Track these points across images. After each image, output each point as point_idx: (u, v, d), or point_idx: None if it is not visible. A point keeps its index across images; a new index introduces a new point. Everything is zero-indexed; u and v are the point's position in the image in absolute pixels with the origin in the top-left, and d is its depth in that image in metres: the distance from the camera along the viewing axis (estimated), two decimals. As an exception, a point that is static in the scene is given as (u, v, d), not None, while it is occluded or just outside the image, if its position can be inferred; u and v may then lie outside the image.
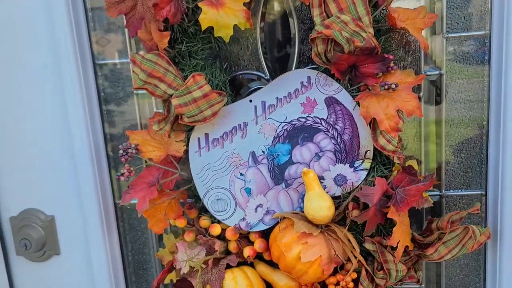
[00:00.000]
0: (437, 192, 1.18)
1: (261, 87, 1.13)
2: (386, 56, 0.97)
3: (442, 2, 1.09)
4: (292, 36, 1.15)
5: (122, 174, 1.07)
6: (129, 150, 1.06)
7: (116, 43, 1.23)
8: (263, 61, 1.16)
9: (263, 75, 1.17)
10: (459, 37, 1.10)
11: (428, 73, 1.12)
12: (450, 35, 1.10)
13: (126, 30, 1.20)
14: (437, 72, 1.12)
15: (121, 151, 1.06)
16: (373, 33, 0.97)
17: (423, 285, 1.25)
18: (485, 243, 1.12)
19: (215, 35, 0.99)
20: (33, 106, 1.24)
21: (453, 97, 1.13)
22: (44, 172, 1.28)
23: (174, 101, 1.01)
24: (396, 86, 0.96)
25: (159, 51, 1.04)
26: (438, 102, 1.14)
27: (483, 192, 1.17)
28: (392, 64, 0.98)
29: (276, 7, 1.14)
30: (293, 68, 1.15)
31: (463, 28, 1.09)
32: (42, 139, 1.26)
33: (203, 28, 0.98)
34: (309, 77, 1.05)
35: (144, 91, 1.17)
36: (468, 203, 1.18)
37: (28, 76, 1.22)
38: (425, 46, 0.99)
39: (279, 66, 1.18)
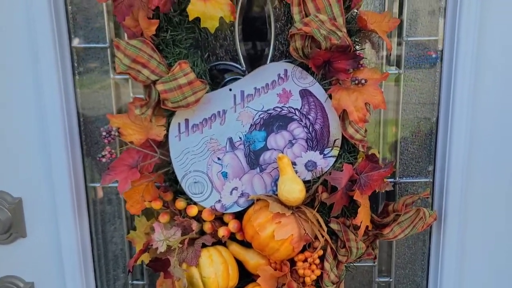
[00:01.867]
0: (392, 180, 1.32)
1: (238, 78, 1.21)
2: (357, 54, 1.08)
3: (403, 9, 1.21)
4: (268, 31, 1.22)
5: (103, 156, 1.09)
6: (112, 132, 1.09)
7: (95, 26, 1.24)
8: (240, 53, 1.23)
9: (239, 67, 1.24)
10: (416, 41, 1.23)
11: (390, 71, 1.24)
12: (409, 38, 1.23)
13: (104, 13, 1.22)
14: (396, 72, 1.25)
15: (104, 133, 1.08)
16: (346, 32, 1.07)
17: (376, 262, 1.38)
18: (431, 224, 1.26)
19: (201, 26, 1.05)
20: (3, 85, 1.22)
21: (408, 96, 1.27)
22: (12, 153, 1.26)
23: (160, 87, 1.05)
24: (365, 82, 1.07)
25: (143, 37, 1.07)
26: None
27: (431, 180, 1.32)
28: (362, 62, 1.09)
29: (254, 2, 1.21)
30: (268, 61, 1.23)
31: (420, 33, 1.23)
32: (11, 119, 1.25)
33: (190, 18, 1.03)
34: (286, 70, 1.13)
35: (124, 76, 1.20)
36: (418, 189, 1.33)
37: (0, 56, 1.20)
38: (390, 47, 1.11)
39: (255, 59, 1.25)
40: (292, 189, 1.11)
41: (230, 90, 1.14)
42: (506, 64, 1.19)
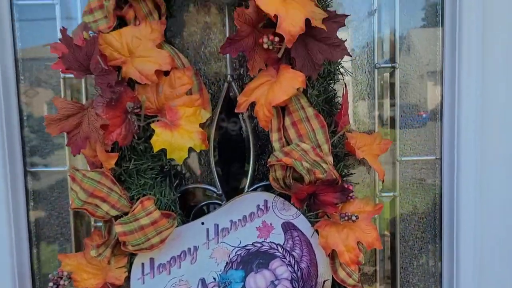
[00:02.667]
0: None
1: (215, 202, 1.07)
2: (346, 186, 0.95)
3: (395, 128, 1.11)
4: (246, 151, 1.10)
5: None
6: (61, 282, 0.92)
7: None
8: (216, 175, 1.10)
9: (215, 190, 1.11)
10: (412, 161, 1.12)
11: (384, 194, 1.11)
12: (403, 158, 1.11)
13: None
14: (391, 194, 1.12)
15: (50, 284, 0.92)
16: (332, 161, 0.94)
17: None
18: None
19: (168, 157, 0.92)
20: None
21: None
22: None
23: (118, 228, 0.91)
24: (356, 218, 0.93)
25: (103, 168, 0.94)
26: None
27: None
28: (351, 194, 0.96)
29: (231, 122, 1.10)
30: (247, 184, 1.10)
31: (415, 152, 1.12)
32: None
33: (155, 150, 0.90)
34: (265, 201, 1.00)
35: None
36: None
37: None
38: (382, 175, 0.98)
39: (232, 181, 1.12)
40: None
41: (203, 223, 1.00)
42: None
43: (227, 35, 1.08)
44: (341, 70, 0.98)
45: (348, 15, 0.89)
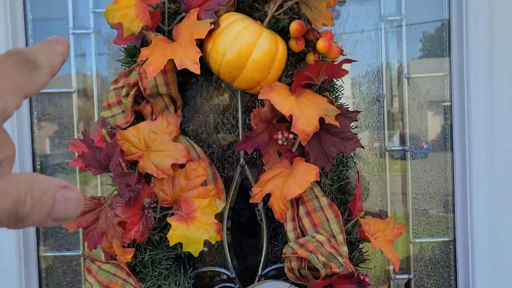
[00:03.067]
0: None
1: (227, 286, 1.06)
2: (362, 278, 0.94)
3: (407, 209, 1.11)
4: (260, 233, 1.11)
5: None
6: None
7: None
8: (229, 258, 1.09)
9: (229, 273, 1.10)
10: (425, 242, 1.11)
11: (398, 276, 1.10)
12: (416, 240, 1.11)
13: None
14: (406, 276, 1.11)
15: None
16: (347, 251, 0.94)
17: None
18: None
19: (183, 250, 0.93)
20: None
21: None
22: None
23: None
24: (373, 311, 0.92)
25: (118, 261, 0.95)
26: None
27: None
28: (368, 286, 0.95)
29: (244, 206, 1.11)
30: (261, 266, 1.09)
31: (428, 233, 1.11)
32: None
33: (171, 244, 0.91)
34: (281, 290, 0.99)
35: None
36: None
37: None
38: (398, 265, 0.98)
39: (245, 264, 1.12)
40: None
41: (217, 314, 0.99)
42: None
43: (239, 120, 1.10)
44: (354, 158, 1.00)
45: (360, 112, 0.91)
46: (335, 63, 0.89)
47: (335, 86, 0.96)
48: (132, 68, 0.94)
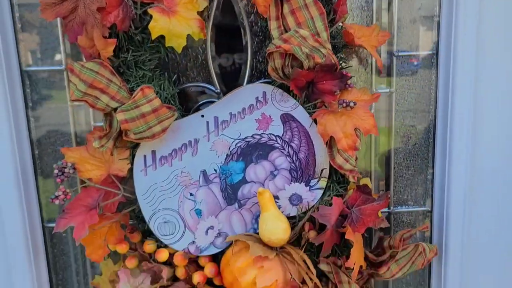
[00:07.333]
0: (386, 210, 1.19)
1: (212, 101, 1.08)
2: (345, 73, 0.95)
3: (392, 21, 1.10)
4: (244, 48, 1.10)
5: (56, 197, 0.94)
6: (66, 170, 0.94)
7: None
8: (213, 73, 1.10)
9: (213, 88, 1.11)
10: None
11: (380, 90, 1.12)
12: (400, 53, 1.11)
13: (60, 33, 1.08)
14: (387, 90, 1.13)
15: (56, 171, 0.94)
16: (331, 48, 0.94)
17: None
18: (431, 260, 1.13)
19: (166, 45, 0.92)
20: None
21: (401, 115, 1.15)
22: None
23: (120, 116, 0.91)
24: (354, 104, 0.94)
25: (101, 59, 0.94)
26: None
27: (429, 209, 1.19)
28: (349, 82, 0.97)
29: (228, 18, 1.08)
30: (245, 82, 1.10)
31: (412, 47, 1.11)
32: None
33: (153, 36, 0.90)
34: (264, 92, 1.01)
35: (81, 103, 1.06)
36: (415, 221, 1.20)
37: None
38: (381, 64, 0.99)
39: (230, 79, 1.12)
40: (275, 228, 0.97)
41: (202, 116, 1.01)
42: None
43: None
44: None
45: None
46: None
47: None
48: None
